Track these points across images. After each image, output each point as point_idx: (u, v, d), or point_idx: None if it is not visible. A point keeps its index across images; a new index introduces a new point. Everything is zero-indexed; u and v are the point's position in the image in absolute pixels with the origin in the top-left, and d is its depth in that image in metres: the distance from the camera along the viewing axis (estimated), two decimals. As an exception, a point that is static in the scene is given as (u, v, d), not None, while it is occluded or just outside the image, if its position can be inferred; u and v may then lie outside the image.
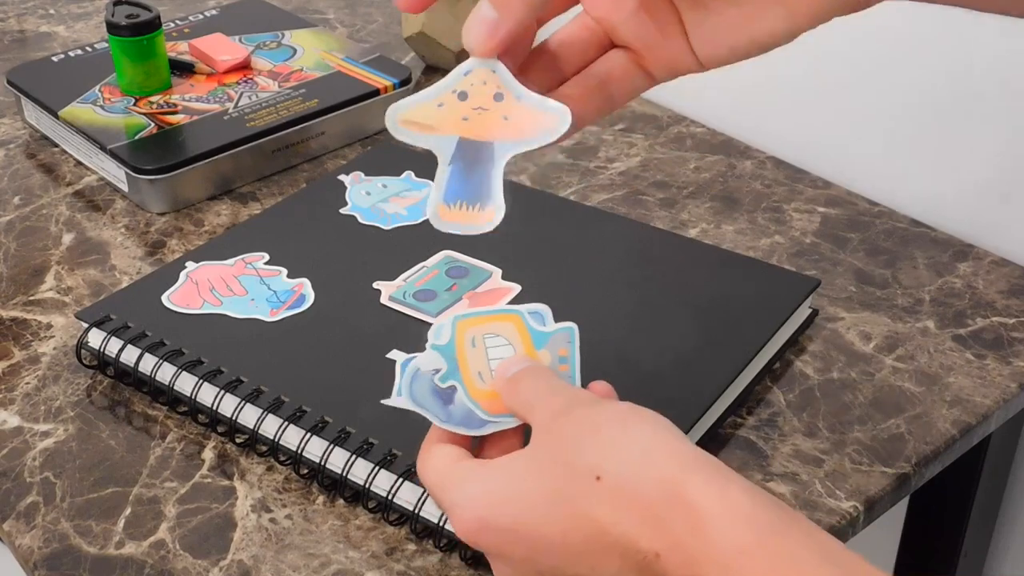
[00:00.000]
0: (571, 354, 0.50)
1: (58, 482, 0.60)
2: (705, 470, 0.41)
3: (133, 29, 0.86)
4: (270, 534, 0.57)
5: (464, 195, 0.46)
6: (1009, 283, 0.73)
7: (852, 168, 0.85)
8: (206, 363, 0.63)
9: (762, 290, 0.67)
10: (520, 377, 0.48)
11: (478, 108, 0.45)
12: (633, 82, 0.48)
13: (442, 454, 0.48)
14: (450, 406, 0.49)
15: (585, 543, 0.42)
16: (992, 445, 0.73)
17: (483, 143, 0.46)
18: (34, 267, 0.76)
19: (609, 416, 0.44)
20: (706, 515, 0.39)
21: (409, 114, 0.46)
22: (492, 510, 0.44)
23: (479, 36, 0.44)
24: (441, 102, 0.46)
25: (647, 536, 0.40)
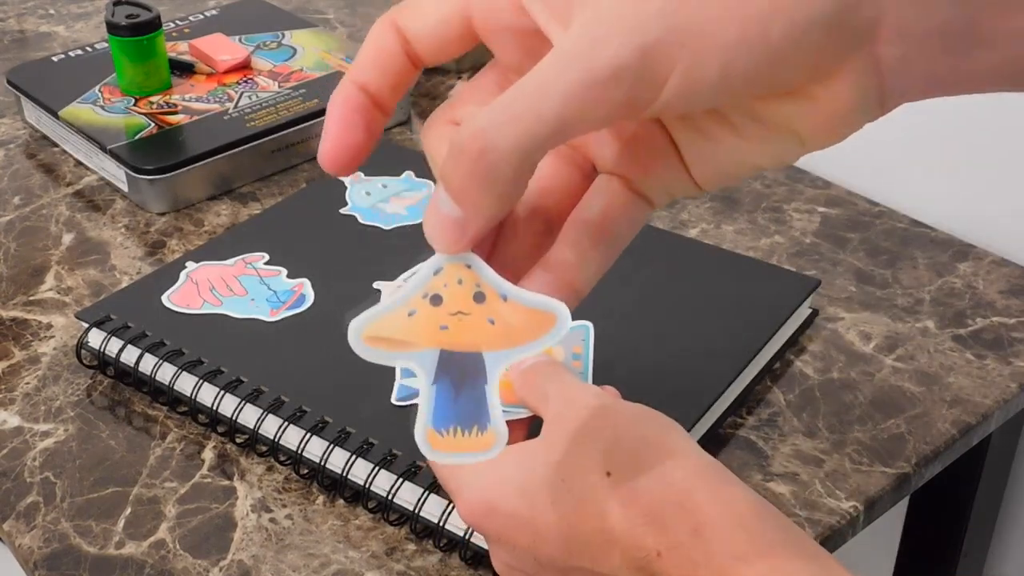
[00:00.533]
0: (585, 351, 0.51)
1: (58, 482, 0.60)
2: (713, 477, 0.42)
3: (133, 29, 0.86)
4: (270, 534, 0.57)
5: (456, 419, 0.40)
6: (1009, 283, 0.73)
7: (852, 168, 0.85)
8: (206, 363, 0.63)
9: (762, 290, 0.67)
10: (535, 370, 0.48)
11: (457, 313, 0.38)
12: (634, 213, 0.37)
13: None
14: None
15: (589, 536, 0.42)
16: (992, 445, 0.73)
17: (470, 355, 0.38)
18: (34, 267, 0.76)
19: (622, 414, 0.45)
20: (708, 521, 0.40)
21: (375, 329, 0.39)
22: (500, 496, 0.44)
23: (445, 239, 0.34)
24: (412, 309, 0.38)
25: (651, 535, 0.41)
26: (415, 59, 0.35)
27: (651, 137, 0.37)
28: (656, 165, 0.37)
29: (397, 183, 0.79)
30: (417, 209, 0.76)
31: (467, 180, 0.31)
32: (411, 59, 0.35)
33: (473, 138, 0.30)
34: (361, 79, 0.35)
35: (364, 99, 0.35)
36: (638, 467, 0.42)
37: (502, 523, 0.45)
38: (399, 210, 0.76)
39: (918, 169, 0.82)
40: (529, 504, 0.44)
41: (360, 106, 0.35)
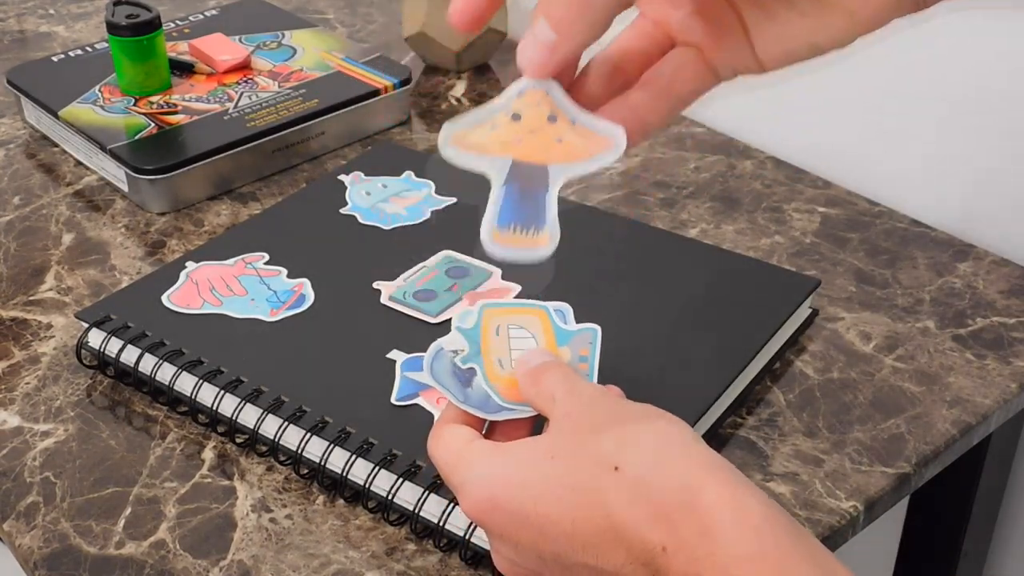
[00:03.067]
0: (591, 354, 0.51)
1: (58, 482, 0.60)
2: (722, 476, 0.41)
3: (133, 29, 0.86)
4: (270, 534, 0.57)
5: (518, 219, 0.45)
6: (1009, 283, 0.73)
7: (852, 168, 0.85)
8: (206, 363, 0.63)
9: (762, 290, 0.67)
10: (543, 369, 0.48)
11: (532, 130, 0.44)
12: (701, 80, 0.45)
13: (455, 434, 0.48)
14: (468, 388, 0.50)
15: (594, 532, 0.42)
16: (992, 445, 0.73)
17: (537, 166, 0.44)
18: (34, 267, 0.76)
19: (631, 412, 0.45)
20: (716, 520, 0.40)
21: (462, 135, 0.44)
22: (504, 491, 0.44)
23: (535, 58, 0.41)
24: (495, 123, 0.44)
25: (657, 532, 0.41)
26: None
27: (723, 14, 0.43)
28: (726, 39, 0.44)
29: (397, 183, 0.79)
30: (417, 209, 0.76)
31: (568, 8, 0.39)
32: None
33: None
34: None
35: None
36: (646, 463, 0.42)
37: (506, 519, 0.44)
38: (399, 210, 0.76)
39: (918, 169, 0.82)
40: (533, 499, 0.44)
41: None
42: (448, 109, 0.95)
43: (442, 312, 0.66)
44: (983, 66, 0.76)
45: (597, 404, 0.46)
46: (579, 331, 0.52)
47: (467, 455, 0.47)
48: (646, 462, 0.42)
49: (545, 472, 0.44)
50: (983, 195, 0.79)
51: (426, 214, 0.75)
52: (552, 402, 0.47)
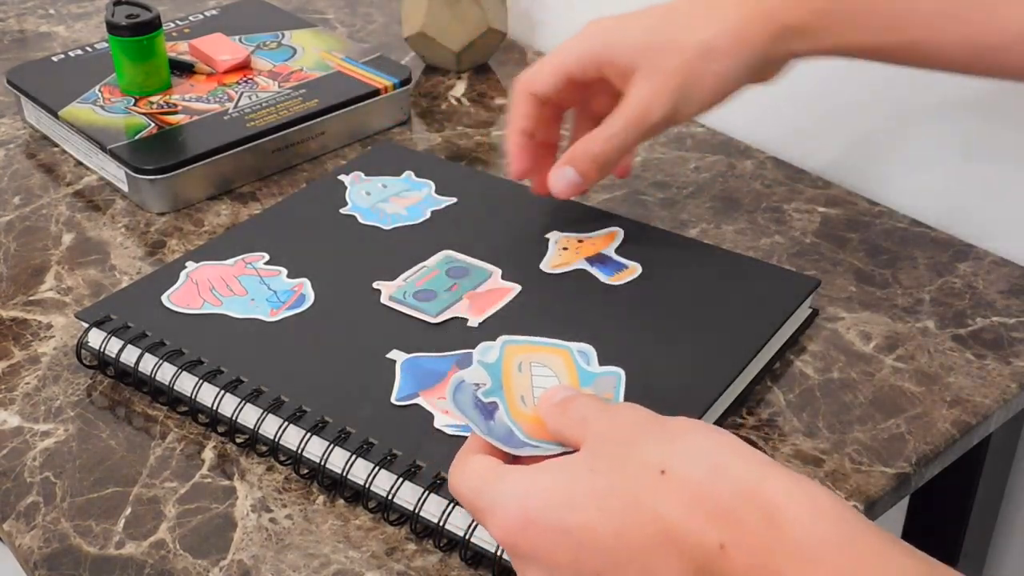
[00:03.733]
0: (615, 399, 0.50)
1: (58, 482, 0.60)
2: (785, 472, 0.40)
3: (133, 29, 0.86)
4: (270, 534, 0.57)
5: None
6: (1009, 283, 0.73)
7: (852, 168, 0.85)
8: (206, 363, 0.63)
9: (762, 290, 0.67)
10: (571, 399, 0.48)
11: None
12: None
13: (481, 462, 0.47)
14: (491, 421, 0.49)
15: (642, 540, 0.40)
16: (992, 445, 0.73)
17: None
18: (34, 267, 0.76)
19: (671, 423, 0.43)
20: (785, 509, 0.38)
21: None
22: (540, 507, 0.42)
23: (562, 189, 0.68)
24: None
25: (715, 529, 0.38)
26: (544, 102, 0.68)
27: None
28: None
29: (397, 183, 0.79)
30: (417, 209, 0.76)
31: (591, 166, 0.66)
32: (541, 104, 0.68)
33: (600, 155, 0.66)
34: (521, 127, 0.69)
35: (525, 139, 0.69)
36: (698, 466, 0.40)
37: (540, 537, 0.42)
38: (399, 210, 0.76)
39: (918, 169, 0.82)
40: (572, 511, 0.41)
41: (524, 144, 0.69)
42: (448, 109, 0.95)
43: (442, 312, 0.66)
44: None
45: (633, 419, 0.44)
46: (602, 373, 0.51)
47: (495, 478, 0.45)
48: (698, 465, 0.40)
49: (585, 485, 0.42)
50: (983, 195, 0.79)
51: (426, 214, 0.75)
52: (584, 424, 0.45)
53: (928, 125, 0.81)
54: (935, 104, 0.80)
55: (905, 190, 0.82)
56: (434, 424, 0.59)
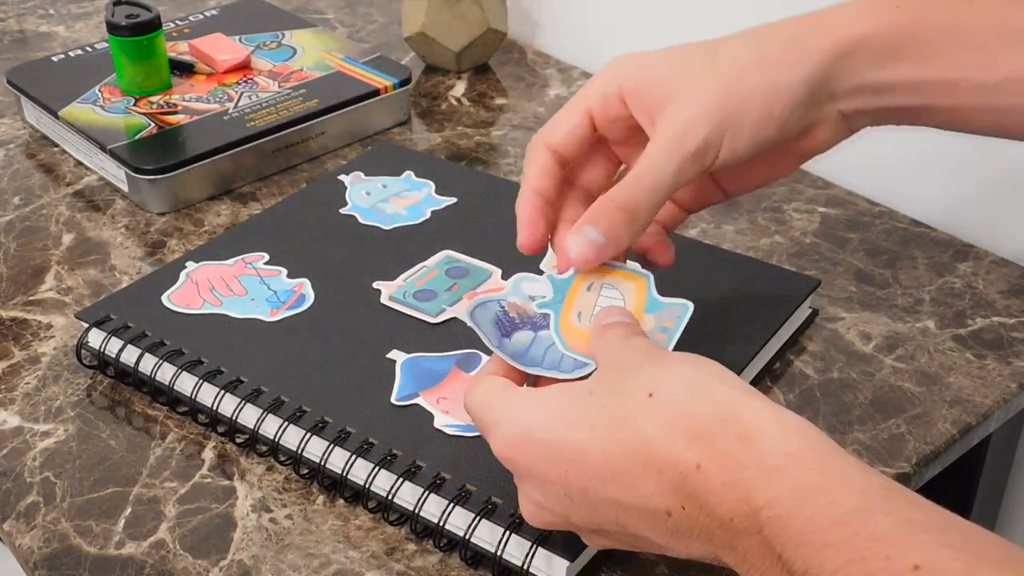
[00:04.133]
0: (674, 328, 0.51)
1: (58, 482, 0.60)
2: (762, 398, 0.42)
3: (133, 29, 0.86)
4: (270, 534, 0.57)
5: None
6: (1009, 283, 0.73)
7: (852, 168, 0.85)
8: (206, 363, 0.63)
9: (762, 290, 0.67)
10: (612, 326, 0.49)
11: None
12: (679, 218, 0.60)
13: (494, 382, 0.48)
14: (506, 339, 0.50)
15: (625, 459, 0.42)
16: (992, 445, 0.73)
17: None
18: (34, 267, 0.76)
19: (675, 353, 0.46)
20: (757, 427, 0.40)
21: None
22: (538, 424, 0.45)
23: (586, 256, 0.51)
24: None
25: (691, 448, 0.41)
26: (563, 162, 0.55)
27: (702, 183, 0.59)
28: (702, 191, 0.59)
29: (397, 183, 0.79)
30: (417, 209, 0.76)
31: (617, 223, 0.51)
32: (560, 163, 0.55)
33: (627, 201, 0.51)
34: (536, 187, 0.54)
35: (541, 202, 0.54)
36: (681, 389, 0.42)
37: (536, 452, 0.45)
38: (399, 210, 0.76)
39: (918, 169, 0.82)
40: (567, 429, 0.44)
41: (539, 207, 0.54)
42: (448, 109, 0.95)
43: (442, 312, 0.66)
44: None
45: (639, 348, 0.46)
46: (670, 304, 0.52)
47: (503, 396, 0.47)
48: (682, 388, 0.43)
49: (581, 406, 0.44)
50: (983, 195, 0.79)
51: (426, 214, 0.75)
52: (605, 345, 0.48)
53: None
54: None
55: (905, 190, 0.82)
56: (434, 424, 0.59)
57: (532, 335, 0.51)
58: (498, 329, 0.51)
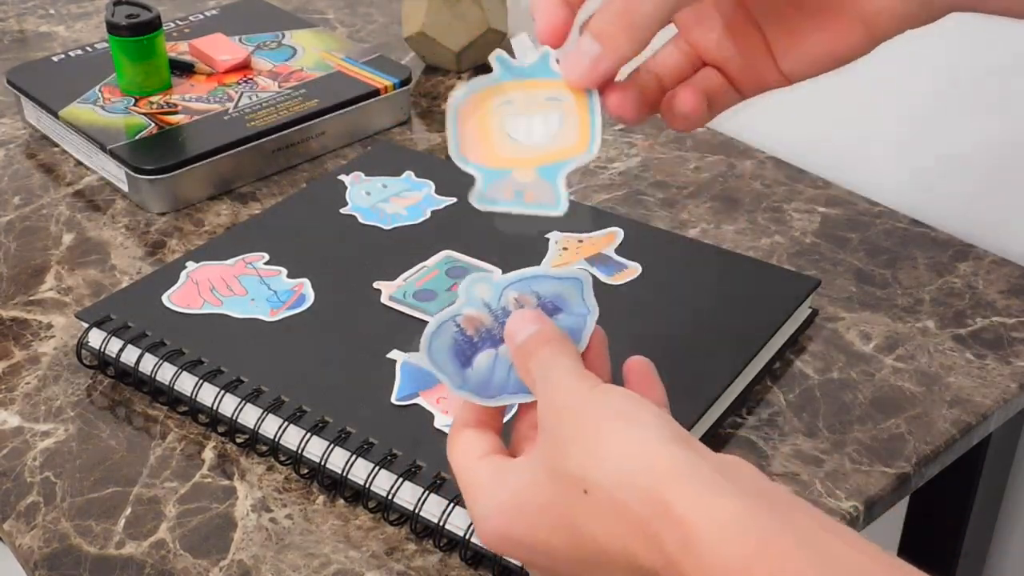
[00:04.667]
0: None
1: (58, 482, 0.60)
2: (688, 477, 0.39)
3: (133, 29, 0.86)
4: (270, 534, 0.57)
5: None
6: (1009, 283, 0.73)
7: (852, 168, 0.85)
8: (206, 363, 0.63)
9: (762, 290, 0.67)
10: (530, 350, 0.46)
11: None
12: (725, 98, 0.50)
13: (468, 443, 0.46)
14: (468, 369, 0.47)
15: (591, 556, 0.41)
16: (992, 445, 0.73)
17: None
18: (34, 267, 0.76)
19: (595, 415, 0.43)
20: (694, 529, 0.38)
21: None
22: (509, 524, 0.44)
23: (581, 70, 0.44)
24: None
25: (643, 552, 0.39)
26: None
27: (749, 36, 0.48)
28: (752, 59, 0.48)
29: (397, 183, 0.79)
30: (417, 209, 0.76)
31: (615, 26, 0.43)
32: None
33: (626, 4, 0.42)
34: None
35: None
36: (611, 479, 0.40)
37: (519, 550, 0.44)
38: (399, 210, 0.76)
39: (918, 169, 0.82)
40: (531, 529, 0.43)
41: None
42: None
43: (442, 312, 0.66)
44: (984, 66, 0.76)
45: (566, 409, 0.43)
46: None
47: (476, 478, 0.45)
48: (610, 477, 0.40)
49: (534, 501, 0.43)
50: (983, 195, 0.79)
51: (426, 214, 0.75)
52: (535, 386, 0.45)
53: (929, 126, 0.81)
54: (935, 104, 0.80)
55: (905, 190, 0.82)
56: (434, 424, 0.59)
57: (493, 354, 0.47)
58: (457, 359, 0.47)
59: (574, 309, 0.48)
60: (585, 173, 0.85)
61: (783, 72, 0.49)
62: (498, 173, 0.47)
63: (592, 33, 0.44)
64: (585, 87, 0.45)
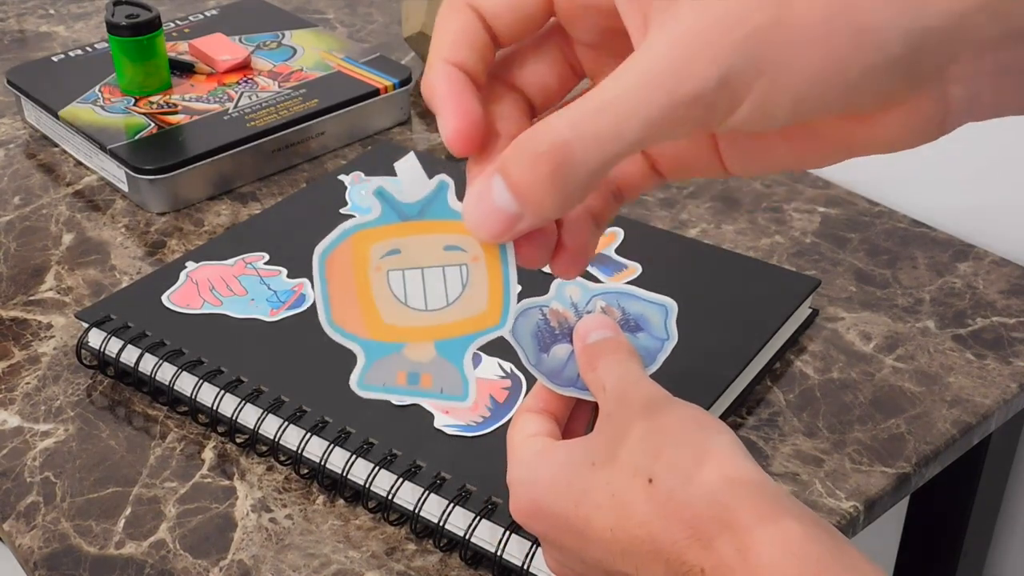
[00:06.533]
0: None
1: (58, 482, 0.60)
2: (759, 495, 0.40)
3: (133, 29, 0.86)
4: (270, 534, 0.57)
5: None
6: (1009, 283, 0.73)
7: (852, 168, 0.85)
8: (206, 363, 0.63)
9: (762, 290, 0.67)
10: (599, 352, 0.46)
11: None
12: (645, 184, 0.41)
13: (527, 422, 0.47)
14: (544, 354, 0.47)
15: (632, 543, 0.41)
16: (992, 445, 0.73)
17: None
18: (34, 267, 0.76)
19: (672, 417, 0.43)
20: (757, 542, 0.38)
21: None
22: (549, 496, 0.44)
23: (492, 229, 0.35)
24: None
25: (694, 551, 0.40)
26: (492, 36, 0.36)
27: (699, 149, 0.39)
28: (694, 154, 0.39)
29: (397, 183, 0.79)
30: (417, 209, 0.76)
31: (539, 184, 0.32)
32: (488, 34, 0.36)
33: (555, 149, 0.31)
34: (453, 58, 0.36)
35: (462, 75, 0.36)
36: (681, 478, 0.41)
37: (550, 523, 0.44)
38: (399, 210, 0.76)
39: (918, 169, 0.82)
40: (575, 505, 0.43)
41: (462, 81, 0.36)
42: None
43: (442, 312, 0.66)
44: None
45: (640, 405, 0.44)
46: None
47: (523, 451, 0.46)
48: (680, 477, 0.41)
49: (586, 479, 0.43)
50: (983, 195, 0.79)
51: (426, 214, 0.75)
52: (603, 392, 0.46)
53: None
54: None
55: (905, 190, 0.82)
56: (434, 424, 0.59)
57: (570, 349, 0.48)
58: (537, 343, 0.47)
59: (654, 332, 0.48)
60: (585, 173, 0.85)
61: (726, 167, 0.39)
62: (385, 347, 0.37)
63: (508, 182, 0.33)
64: (498, 243, 0.36)
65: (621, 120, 0.31)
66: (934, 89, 0.33)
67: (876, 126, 0.34)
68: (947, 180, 0.81)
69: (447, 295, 0.37)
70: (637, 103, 0.31)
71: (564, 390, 0.48)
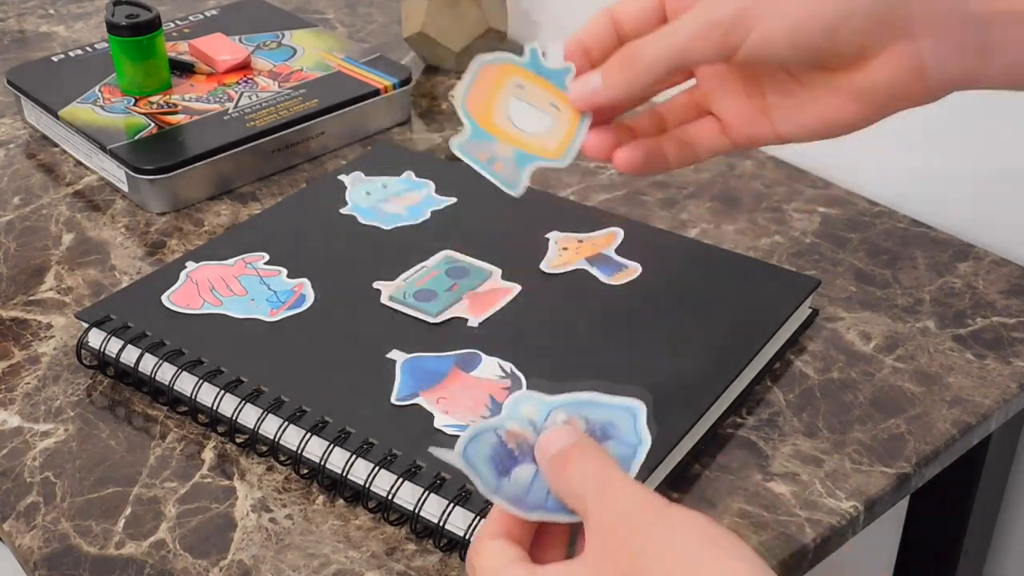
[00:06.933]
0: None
1: (58, 482, 0.60)
2: None
3: (133, 29, 0.86)
4: (270, 534, 0.57)
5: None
6: (1009, 283, 0.73)
7: (852, 168, 0.85)
8: (206, 363, 0.63)
9: (762, 290, 0.67)
10: (568, 458, 0.43)
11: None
12: (716, 146, 0.55)
13: (494, 552, 0.44)
14: (504, 479, 0.45)
15: None
16: (992, 445, 0.73)
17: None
18: (34, 267, 0.76)
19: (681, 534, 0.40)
20: None
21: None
22: None
23: (579, 94, 0.51)
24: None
25: None
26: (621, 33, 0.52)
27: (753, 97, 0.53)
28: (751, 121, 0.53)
29: (397, 183, 0.79)
30: (417, 209, 0.76)
31: (616, 68, 0.50)
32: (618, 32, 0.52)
33: (630, 47, 0.49)
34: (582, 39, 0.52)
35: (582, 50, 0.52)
36: None
37: None
38: (399, 210, 0.76)
39: (918, 169, 0.82)
40: None
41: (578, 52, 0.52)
42: (448, 109, 0.95)
43: (442, 312, 0.66)
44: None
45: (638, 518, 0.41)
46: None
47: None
48: None
49: None
50: (983, 195, 0.79)
51: (426, 214, 0.75)
52: (582, 502, 0.42)
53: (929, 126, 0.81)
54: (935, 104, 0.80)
55: (905, 190, 0.82)
56: (434, 424, 0.59)
57: (534, 470, 0.45)
58: (495, 467, 0.45)
59: (624, 438, 0.46)
60: (585, 173, 0.85)
61: (778, 133, 0.53)
62: (485, 134, 0.53)
63: (601, 68, 0.51)
64: (581, 110, 0.52)
65: (670, 34, 0.48)
66: (905, 43, 0.47)
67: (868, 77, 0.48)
68: (947, 180, 0.81)
69: (537, 128, 0.53)
70: (682, 24, 0.48)
71: (531, 514, 0.44)
